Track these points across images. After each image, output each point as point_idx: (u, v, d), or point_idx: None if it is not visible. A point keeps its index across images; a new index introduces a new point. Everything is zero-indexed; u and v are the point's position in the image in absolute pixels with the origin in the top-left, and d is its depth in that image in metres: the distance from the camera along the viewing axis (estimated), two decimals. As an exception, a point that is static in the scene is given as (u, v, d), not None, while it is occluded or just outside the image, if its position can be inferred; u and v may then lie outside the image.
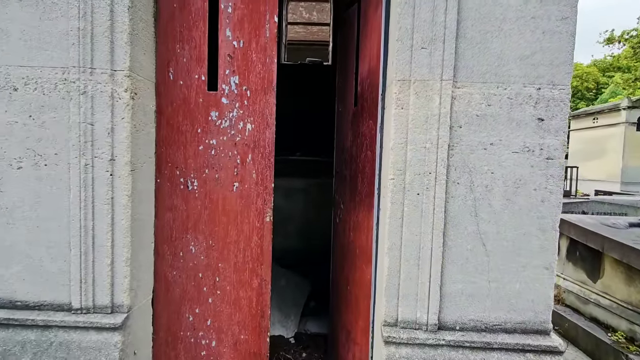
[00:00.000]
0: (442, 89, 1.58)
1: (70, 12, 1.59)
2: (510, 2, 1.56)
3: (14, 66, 1.63)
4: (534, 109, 1.59)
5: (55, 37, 1.62)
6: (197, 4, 1.87)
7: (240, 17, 1.88)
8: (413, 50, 1.59)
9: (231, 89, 1.90)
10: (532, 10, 1.56)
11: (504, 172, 1.62)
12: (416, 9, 1.57)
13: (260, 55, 1.89)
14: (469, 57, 1.58)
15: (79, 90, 1.61)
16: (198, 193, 1.94)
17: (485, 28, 1.57)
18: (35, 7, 1.61)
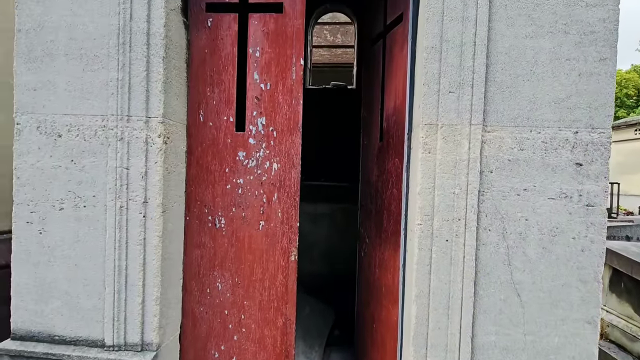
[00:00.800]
0: (471, 133, 1.54)
1: (110, 64, 1.70)
2: (542, 45, 1.51)
3: (59, 114, 1.75)
4: (571, 154, 1.52)
5: (96, 88, 1.72)
6: (227, 49, 1.94)
7: (268, 61, 1.93)
8: (440, 94, 1.56)
9: (258, 129, 1.95)
10: (567, 53, 1.50)
11: (539, 219, 1.54)
12: (443, 54, 1.55)
13: (287, 97, 1.92)
14: (499, 101, 1.54)
15: (116, 137, 1.70)
16: (225, 231, 1.97)
17: (516, 72, 1.53)
18: (79, 60, 1.73)
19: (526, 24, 1.51)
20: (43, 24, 1.74)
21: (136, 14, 1.68)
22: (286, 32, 1.91)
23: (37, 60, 1.75)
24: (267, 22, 1.93)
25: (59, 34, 1.73)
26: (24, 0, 1.75)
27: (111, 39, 1.69)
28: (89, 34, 1.72)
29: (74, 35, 1.73)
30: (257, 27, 1.93)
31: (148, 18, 1.68)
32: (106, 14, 1.70)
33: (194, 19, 1.94)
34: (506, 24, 1.52)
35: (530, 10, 1.51)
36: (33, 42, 1.75)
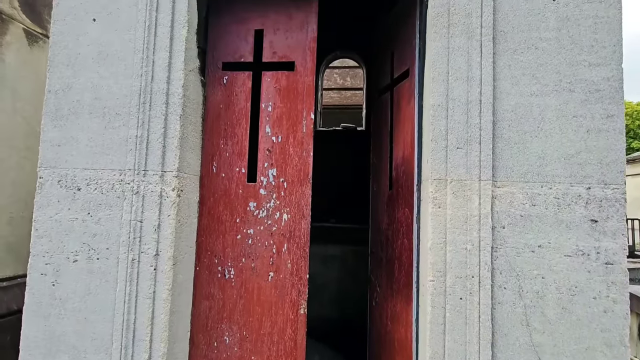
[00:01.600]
0: (481, 189, 1.54)
1: (131, 122, 1.79)
2: (548, 102, 1.54)
3: (80, 169, 1.82)
4: (585, 210, 1.49)
5: (115, 143, 1.81)
6: (241, 104, 2.03)
7: (279, 115, 2.01)
8: (448, 150, 1.58)
9: (269, 180, 1.99)
10: (573, 110, 1.52)
11: (557, 277, 1.49)
12: (449, 112, 1.59)
13: (297, 149, 1.98)
14: (508, 157, 1.55)
15: (132, 191, 1.76)
16: (234, 282, 1.96)
17: (523, 128, 1.55)
18: (102, 118, 1.83)
19: (531, 83, 1.55)
20: (71, 85, 1.87)
21: (157, 76, 1.79)
22: (297, 89, 2.00)
23: (63, 118, 1.86)
24: (280, 79, 2.02)
25: (85, 94, 1.85)
26: (56, 64, 1.89)
27: (133, 99, 1.80)
28: (113, 94, 1.83)
29: (99, 95, 1.84)
30: (269, 84, 2.03)
31: (168, 79, 1.79)
32: (129, 76, 1.82)
33: (211, 77, 2.05)
34: (511, 83, 1.57)
35: (534, 70, 1.56)
36: (61, 101, 1.87)
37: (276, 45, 2.05)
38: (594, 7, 1.54)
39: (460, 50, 1.60)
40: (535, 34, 1.57)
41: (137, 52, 1.81)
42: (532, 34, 1.57)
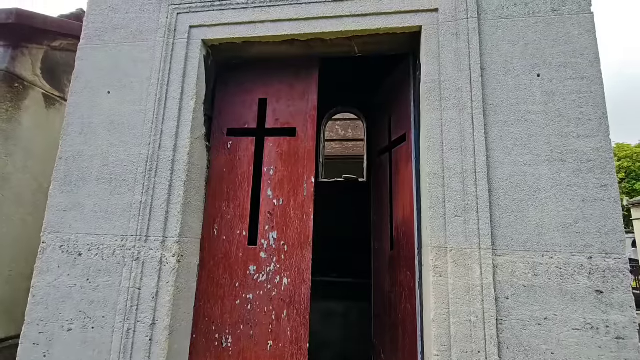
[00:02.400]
0: (481, 258, 1.53)
1: (136, 188, 1.84)
2: (542, 172, 1.58)
3: (83, 234, 1.85)
4: (588, 280, 1.47)
5: (120, 209, 1.85)
6: (244, 168, 2.10)
7: (281, 179, 2.06)
8: (447, 218, 1.60)
9: (269, 244, 1.99)
10: (567, 179, 1.56)
11: (567, 352, 1.43)
12: (446, 180, 1.63)
13: (298, 212, 2.00)
14: (506, 226, 1.56)
15: (132, 257, 1.76)
16: (232, 351, 1.89)
17: (519, 197, 1.57)
18: (109, 183, 1.89)
19: (523, 153, 1.61)
20: (82, 152, 1.95)
21: (164, 145, 1.88)
22: (298, 153, 2.08)
23: (72, 184, 1.92)
24: (281, 144, 2.11)
25: (94, 161, 1.93)
26: (69, 133, 1.99)
27: (139, 166, 1.87)
28: (121, 161, 1.91)
29: (107, 162, 1.92)
30: (272, 149, 2.11)
31: (174, 147, 1.88)
32: (138, 144, 1.91)
33: (216, 143, 2.14)
34: (504, 153, 1.62)
35: (525, 140, 1.62)
36: (71, 167, 1.94)
37: (279, 112, 2.16)
38: (577, 83, 1.64)
39: (453, 122, 1.68)
40: (523, 107, 1.65)
41: (146, 122, 1.91)
42: (520, 107, 1.66)
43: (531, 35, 1.72)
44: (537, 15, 1.73)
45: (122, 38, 2.09)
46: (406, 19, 1.84)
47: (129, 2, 2.14)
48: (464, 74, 1.71)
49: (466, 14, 1.77)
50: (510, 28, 1.74)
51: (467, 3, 1.78)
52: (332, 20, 1.91)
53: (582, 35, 1.68)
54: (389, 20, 1.86)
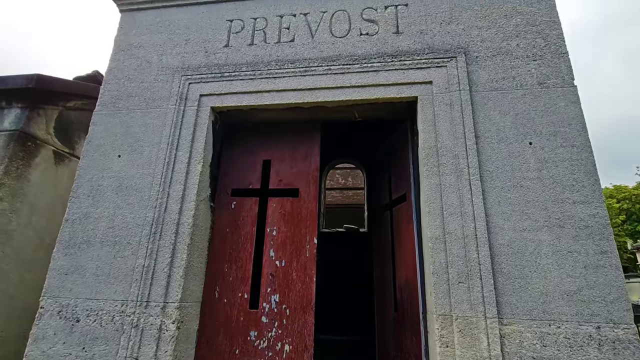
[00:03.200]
0: (487, 327, 1.50)
1: (140, 251, 1.85)
2: (541, 238, 1.61)
3: (82, 299, 1.82)
4: (599, 352, 1.43)
5: (122, 273, 1.84)
6: (247, 228, 2.12)
7: (283, 239, 2.08)
8: (450, 284, 1.60)
9: (271, 307, 1.95)
10: (567, 245, 1.58)
11: None
12: (447, 245, 1.65)
13: (300, 273, 1.99)
14: (510, 293, 1.55)
15: (131, 324, 1.73)
16: None
17: (521, 263, 1.58)
18: (112, 246, 1.90)
19: (522, 219, 1.65)
20: (88, 214, 1.99)
21: (170, 207, 1.92)
22: (301, 214, 2.11)
23: (75, 246, 1.93)
24: (285, 204, 2.15)
25: (100, 223, 1.96)
26: (78, 195, 2.04)
27: (145, 229, 1.89)
28: (127, 223, 1.94)
29: (113, 225, 1.94)
30: (275, 209, 2.15)
31: (180, 210, 1.92)
32: (144, 207, 1.95)
33: (220, 203, 2.19)
34: (503, 219, 1.66)
35: (523, 206, 1.66)
36: (76, 230, 1.97)
37: (282, 173, 2.23)
38: (568, 151, 1.72)
39: (452, 187, 1.74)
40: (518, 174, 1.72)
41: (154, 185, 1.97)
42: (515, 173, 1.72)
43: (520, 106, 1.84)
44: (525, 88, 1.86)
45: (135, 105, 2.22)
46: (403, 90, 1.97)
47: (144, 73, 2.30)
48: (459, 141, 1.80)
49: (458, 86, 1.90)
50: (501, 99, 1.86)
51: (459, 77, 1.92)
52: (334, 90, 2.04)
53: (568, 107, 1.80)
54: (387, 91, 1.99)
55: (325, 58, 2.12)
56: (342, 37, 2.17)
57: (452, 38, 2.04)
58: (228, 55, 2.25)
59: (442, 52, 2.00)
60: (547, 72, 1.88)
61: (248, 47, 2.25)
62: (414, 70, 1.99)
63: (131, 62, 2.35)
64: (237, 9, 2.38)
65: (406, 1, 2.18)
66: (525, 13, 2.03)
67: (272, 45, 2.23)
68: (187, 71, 2.23)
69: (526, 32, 1.99)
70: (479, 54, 1.98)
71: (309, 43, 2.19)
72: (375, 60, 2.04)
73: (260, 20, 2.32)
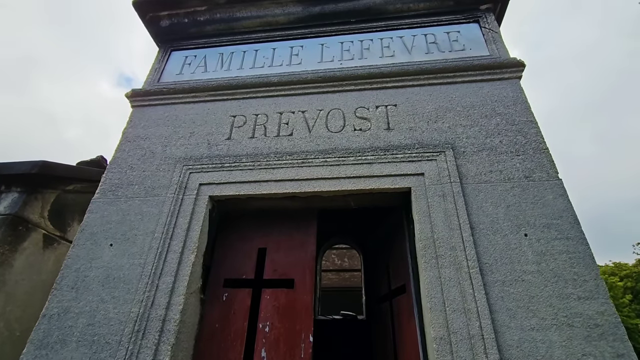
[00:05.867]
0: None
1: (119, 353, 1.69)
2: (551, 338, 1.51)
3: (46, 413, 1.60)
4: None
5: (96, 380, 1.65)
6: (238, 323, 1.98)
7: (277, 337, 1.93)
8: (460, 394, 1.44)
9: (261, 421, 1.72)
10: (580, 347, 1.48)
11: None
12: (453, 346, 1.54)
13: (294, 378, 1.81)
14: (528, 406, 1.40)
15: None
16: None
17: None
18: (89, 347, 1.74)
19: (528, 316, 1.57)
20: (69, 309, 1.86)
21: (157, 301, 1.82)
22: (295, 307, 2.00)
23: (48, 347, 1.76)
24: (279, 297, 2.05)
25: (80, 319, 1.82)
26: (61, 287, 1.94)
27: (127, 326, 1.76)
28: (109, 319, 1.80)
29: (94, 321, 1.81)
30: (268, 302, 2.04)
31: (167, 305, 1.81)
32: (130, 301, 1.84)
33: (211, 295, 2.08)
34: (508, 316, 1.58)
35: (527, 302, 1.60)
36: (52, 327, 1.82)
37: (277, 262, 2.17)
38: (564, 244, 1.73)
39: (452, 281, 1.69)
40: (518, 267, 1.69)
41: (143, 277, 1.89)
42: (515, 266, 1.70)
43: (511, 198, 1.90)
44: (513, 181, 1.95)
45: (134, 193, 2.25)
46: (396, 181, 2.05)
47: (147, 162, 2.39)
48: (455, 232, 1.81)
49: (449, 178, 1.98)
50: (491, 191, 1.93)
51: (449, 169, 2.01)
52: (330, 180, 2.11)
53: (557, 199, 1.86)
54: (381, 182, 2.06)
55: (321, 151, 2.24)
56: (338, 132, 2.33)
57: (440, 134, 2.20)
58: (229, 147, 2.37)
59: (431, 147, 2.14)
60: (532, 167, 1.99)
61: (249, 140, 2.39)
62: (406, 163, 2.10)
63: (136, 152, 2.46)
64: (240, 106, 2.59)
65: (395, 102, 2.40)
66: (503, 114, 2.23)
67: (272, 139, 2.37)
68: (189, 161, 2.32)
69: (507, 130, 2.16)
70: (466, 149, 2.11)
71: (306, 137, 2.34)
72: (369, 154, 2.16)
73: (262, 116, 2.51)
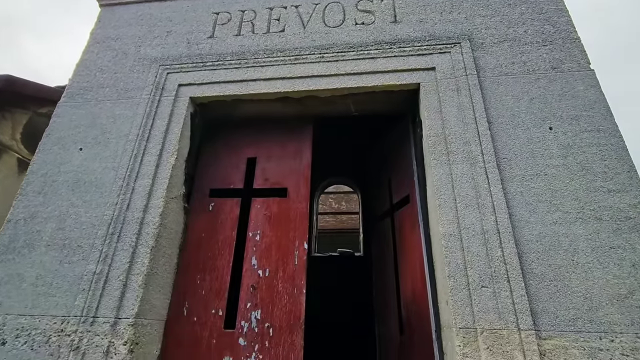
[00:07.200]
0: (523, 342, 1.19)
1: (92, 255, 1.53)
2: (576, 231, 1.34)
3: (14, 315, 1.46)
4: (668, 373, 1.12)
5: (67, 282, 1.50)
6: (226, 232, 1.82)
7: (268, 245, 1.77)
8: (471, 289, 1.30)
9: (251, 326, 1.60)
10: (608, 240, 1.32)
11: None
12: (464, 242, 1.37)
13: (287, 285, 1.67)
14: (546, 299, 1.25)
15: (70, 346, 1.36)
16: None
17: (555, 262, 1.30)
18: (60, 250, 1.57)
19: (550, 210, 1.39)
20: (36, 214, 1.67)
21: (134, 204, 1.62)
22: (289, 216, 1.83)
23: (15, 251, 1.59)
24: (270, 206, 1.87)
25: (48, 224, 1.64)
26: (26, 193, 1.74)
27: (100, 229, 1.58)
28: (80, 223, 1.62)
29: (64, 225, 1.63)
30: (259, 211, 1.86)
31: (145, 207, 1.62)
32: (103, 204, 1.65)
33: (196, 204, 1.90)
34: (527, 210, 1.40)
35: (550, 196, 1.42)
36: (19, 232, 1.64)
37: (269, 172, 1.97)
38: (594, 136, 1.51)
39: (465, 177, 1.49)
40: (540, 161, 1.49)
41: (117, 180, 1.69)
42: (537, 160, 1.50)
43: (535, 90, 1.65)
44: (538, 72, 1.69)
45: (105, 96, 1.99)
46: (403, 77, 1.79)
47: (119, 64, 2.10)
48: (470, 127, 1.59)
49: (464, 71, 1.72)
50: (512, 84, 1.68)
51: (465, 62, 1.75)
52: (327, 78, 1.85)
53: (588, 90, 1.62)
54: (386, 78, 1.80)
55: (317, 46, 1.95)
56: (336, 27, 2.02)
57: (454, 26, 1.90)
58: (212, 46, 2.07)
59: (444, 39, 1.85)
60: (560, 57, 1.72)
61: (234, 38, 2.08)
62: (415, 56, 1.82)
63: (106, 53, 2.16)
64: (224, 2, 2.25)
65: (403, -8, 2.07)
66: (529, 2, 1.92)
67: (261, 36, 2.07)
68: (166, 61, 2.03)
69: (533, 19, 1.86)
70: (484, 41, 1.83)
71: (300, 33, 2.04)
72: (372, 48, 1.88)
73: (249, 12, 2.18)
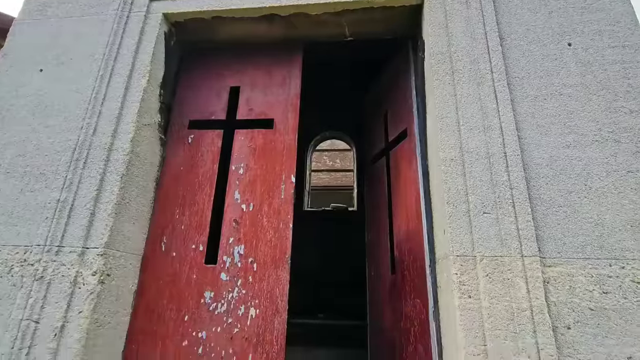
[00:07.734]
0: (525, 269, 1.09)
1: (55, 183, 1.38)
2: (591, 155, 1.21)
3: (-28, 245, 1.34)
4: (680, 300, 1.03)
5: (30, 211, 1.36)
6: (207, 165, 1.67)
7: (252, 178, 1.63)
8: (471, 216, 1.18)
9: (234, 261, 1.50)
10: (626, 163, 1.19)
11: (670, 413, 0.94)
12: (467, 167, 1.24)
13: (273, 219, 1.55)
14: (554, 225, 1.14)
15: (34, 276, 1.25)
16: (171, 418, 1.31)
17: (565, 187, 1.18)
18: (20, 179, 1.42)
19: (564, 133, 1.25)
20: (-8, 139, 1.51)
21: (101, 129, 1.46)
22: (276, 148, 1.67)
23: (-30, 178, 1.44)
24: (255, 137, 1.71)
25: (7, 150, 1.48)
26: (-19, 116, 1.56)
27: (64, 156, 1.42)
28: (42, 150, 1.46)
29: (24, 152, 1.47)
30: (243, 143, 1.70)
31: (114, 132, 1.45)
32: (67, 129, 1.48)
33: (174, 136, 1.73)
34: (539, 133, 1.26)
35: (564, 118, 1.27)
36: (-26, 158, 1.48)
37: (253, 101, 1.79)
38: (619, 52, 1.34)
39: (471, 97, 1.33)
40: (556, 80, 1.33)
41: (82, 103, 1.51)
42: (552, 79, 1.33)
43: (554, 2, 1.45)
44: (559, -18, 1.48)
45: (67, 12, 1.75)
46: (405, -10, 1.57)
47: (82, -24, 1.83)
48: (479, 43, 1.40)
49: (475, -19, 1.50)
50: (529, -5, 1.47)
51: (475, -29, 1.52)
52: (319, -9, 1.62)
53: (615, 2, 1.42)
54: (385, -9, 1.58)
55: (308, -44, 1.70)
56: None
57: None
58: (188, -43, 1.80)
59: (453, -53, 1.61)
60: (585, -34, 1.50)
61: (213, -53, 1.81)
62: (419, -34, 1.59)
63: (67, -35, 1.88)
64: None
65: None
66: None
67: (244, -55, 1.80)
68: (135, -27, 1.77)
69: None
70: (499, -52, 1.59)
71: (289, -59, 1.77)
72: (371, -43, 1.63)
73: None
